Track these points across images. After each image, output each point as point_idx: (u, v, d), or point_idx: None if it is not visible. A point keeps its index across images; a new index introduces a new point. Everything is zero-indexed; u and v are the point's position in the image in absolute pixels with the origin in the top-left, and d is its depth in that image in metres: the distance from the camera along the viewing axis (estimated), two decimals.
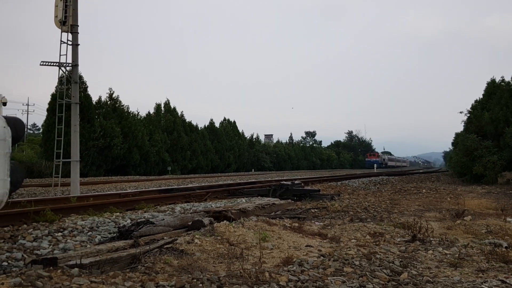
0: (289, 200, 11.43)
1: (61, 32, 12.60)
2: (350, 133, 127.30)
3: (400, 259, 4.80)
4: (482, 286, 3.86)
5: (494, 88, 27.71)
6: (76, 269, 3.60)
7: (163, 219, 6.21)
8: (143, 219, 6.23)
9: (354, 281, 3.84)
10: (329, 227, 7.19)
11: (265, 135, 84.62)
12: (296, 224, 7.12)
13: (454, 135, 36.79)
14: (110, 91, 33.72)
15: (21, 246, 5.02)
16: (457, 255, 5.04)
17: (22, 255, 4.65)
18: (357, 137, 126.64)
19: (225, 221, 6.77)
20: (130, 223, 6.47)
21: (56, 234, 5.75)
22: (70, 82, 12.94)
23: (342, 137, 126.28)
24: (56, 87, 24.40)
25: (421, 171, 58.85)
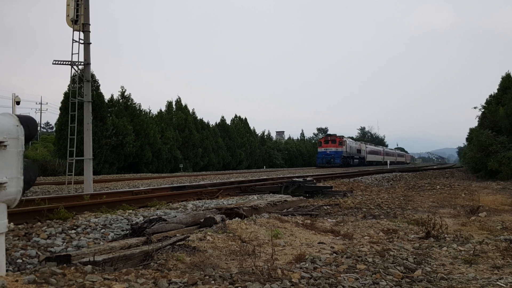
0: (301, 197, 11.39)
1: (73, 31, 12.70)
2: (362, 129, 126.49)
3: (414, 256, 4.75)
4: (498, 283, 3.79)
5: (509, 83, 27.25)
6: (89, 266, 3.62)
7: (175, 216, 6.22)
8: (156, 216, 6.26)
9: (367, 278, 3.81)
10: (342, 224, 7.15)
11: (276, 131, 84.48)
12: (309, 221, 7.10)
13: (468, 131, 36.34)
14: (122, 89, 34.05)
15: (35, 244, 5.07)
16: (471, 251, 4.97)
17: (36, 253, 4.69)
18: (370, 133, 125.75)
19: (237, 218, 6.77)
20: (143, 220, 6.51)
21: (70, 232, 5.80)
22: (83, 80, 13.04)
23: (354, 133, 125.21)
24: (68, 86, 24.64)
25: (435, 167, 58.24)
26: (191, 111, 43.68)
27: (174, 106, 42.46)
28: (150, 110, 38.78)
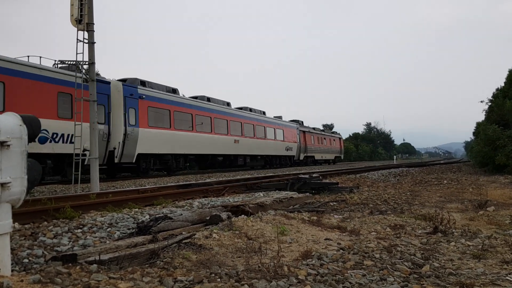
0: (307, 193, 11.36)
1: (77, 31, 12.71)
2: (368, 124, 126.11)
3: (422, 252, 4.71)
4: (507, 277, 3.75)
5: None
6: (95, 265, 3.61)
7: (181, 214, 6.22)
8: (162, 215, 6.26)
9: (374, 274, 3.78)
10: (348, 220, 7.11)
11: None
12: (315, 218, 7.06)
13: (475, 125, 36.12)
14: None
15: (42, 243, 5.07)
16: (480, 246, 4.92)
17: (43, 252, 4.69)
18: (376, 128, 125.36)
19: (243, 216, 6.76)
20: (149, 218, 6.50)
21: (76, 231, 5.80)
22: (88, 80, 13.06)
23: (360, 129, 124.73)
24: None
25: (442, 162, 57.94)
26: None
27: None
28: None
